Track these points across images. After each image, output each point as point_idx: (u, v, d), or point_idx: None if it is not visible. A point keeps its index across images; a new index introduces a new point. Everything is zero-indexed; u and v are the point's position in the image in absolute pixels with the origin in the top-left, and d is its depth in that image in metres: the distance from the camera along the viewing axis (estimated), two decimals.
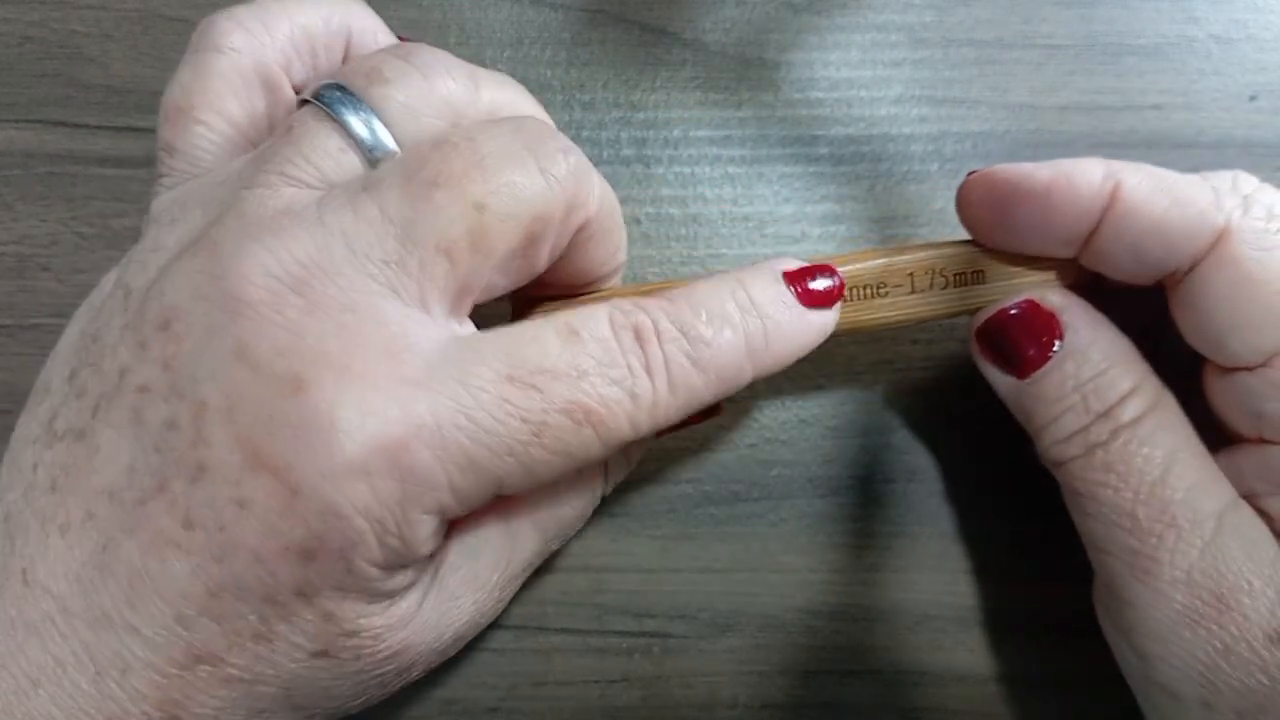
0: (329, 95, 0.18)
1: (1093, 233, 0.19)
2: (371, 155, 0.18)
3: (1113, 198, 0.19)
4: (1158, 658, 0.18)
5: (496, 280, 0.18)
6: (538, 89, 0.26)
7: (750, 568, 0.24)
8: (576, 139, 0.26)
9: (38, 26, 0.26)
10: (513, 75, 0.26)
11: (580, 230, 0.19)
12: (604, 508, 0.24)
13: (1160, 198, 0.18)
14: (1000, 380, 0.21)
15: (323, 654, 0.17)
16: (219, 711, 0.17)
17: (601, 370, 0.17)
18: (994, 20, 0.26)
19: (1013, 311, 0.20)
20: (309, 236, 0.16)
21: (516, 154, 0.17)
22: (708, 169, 0.26)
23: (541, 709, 0.24)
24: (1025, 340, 0.20)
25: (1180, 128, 0.26)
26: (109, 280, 0.19)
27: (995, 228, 0.20)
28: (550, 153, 0.18)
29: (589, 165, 0.19)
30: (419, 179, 0.17)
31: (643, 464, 0.24)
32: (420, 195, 0.17)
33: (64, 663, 0.16)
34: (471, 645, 0.24)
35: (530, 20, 0.26)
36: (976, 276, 0.21)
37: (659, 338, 0.18)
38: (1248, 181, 0.19)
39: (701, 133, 0.26)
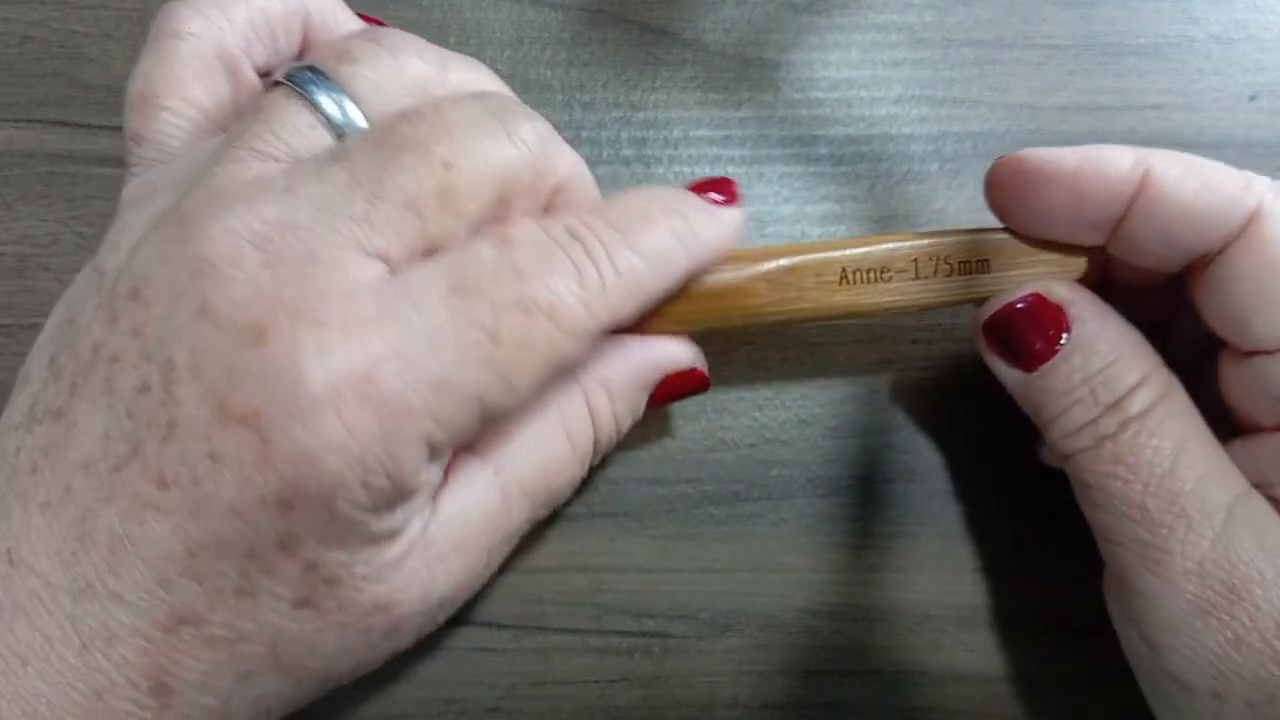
0: (300, 75, 0.18)
1: (1122, 218, 0.19)
2: (341, 132, 0.18)
3: (1142, 183, 0.19)
4: (1168, 648, 0.18)
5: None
6: (538, 89, 0.26)
7: (750, 568, 0.24)
8: (576, 139, 0.26)
9: (38, 26, 0.26)
10: (513, 75, 0.26)
11: (554, 197, 0.19)
12: (604, 507, 0.24)
13: (1191, 181, 0.19)
14: (1007, 374, 0.21)
15: (305, 603, 0.17)
16: (206, 676, 0.17)
17: (540, 265, 0.17)
18: (994, 20, 0.26)
19: (1019, 305, 0.20)
20: (275, 201, 0.17)
21: (482, 119, 0.18)
22: (708, 169, 0.26)
23: (541, 709, 0.24)
24: (1032, 333, 0.20)
25: (1180, 128, 0.26)
26: (85, 269, 0.19)
27: (1024, 211, 0.20)
28: (516, 118, 0.18)
29: (555, 133, 0.19)
30: (386, 144, 0.17)
31: (643, 464, 0.24)
32: (387, 159, 0.17)
33: (51, 638, 0.16)
34: (471, 645, 0.24)
35: (530, 20, 0.26)
36: (981, 266, 0.21)
37: (591, 230, 0.18)
38: (1261, 179, 0.19)
39: (701, 133, 0.26)
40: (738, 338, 0.25)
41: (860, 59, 0.26)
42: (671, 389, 0.22)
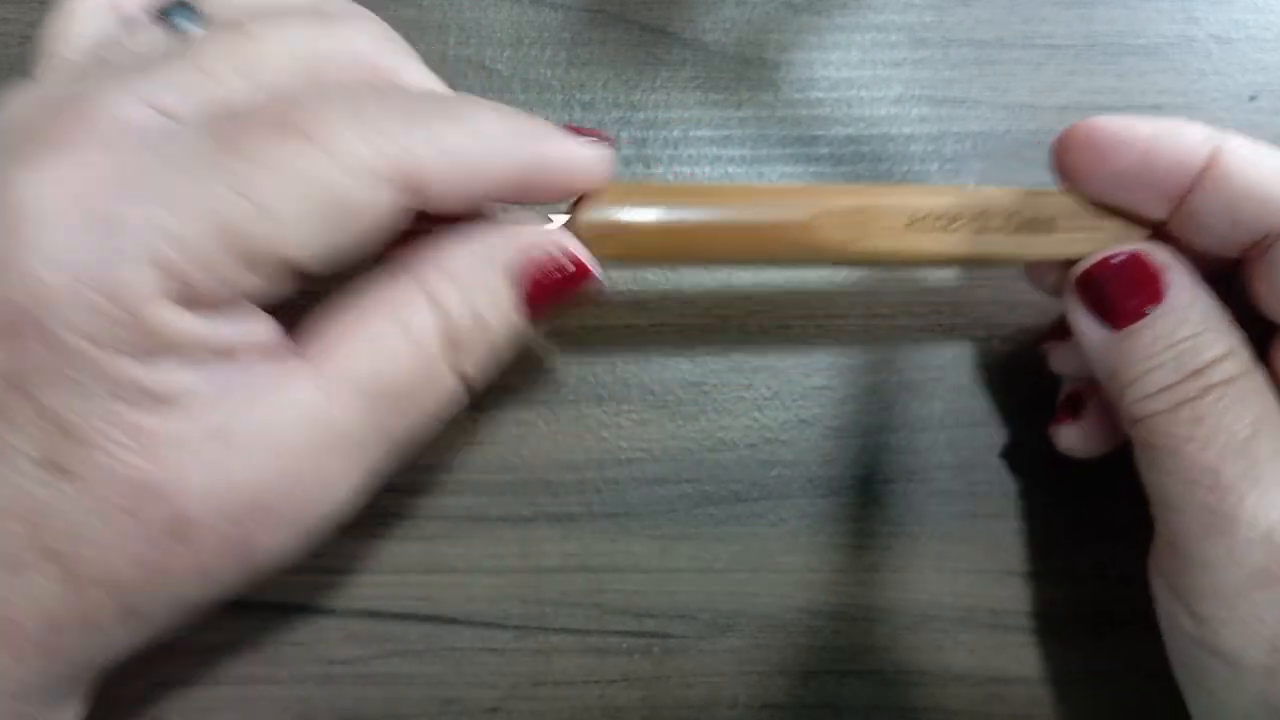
0: (169, 7, 0.19)
1: (1189, 192, 0.19)
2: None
3: (1212, 158, 0.19)
4: (1220, 621, 0.18)
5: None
6: (538, 89, 0.26)
7: (750, 568, 0.24)
8: None
9: (38, 27, 0.26)
10: (513, 75, 0.26)
11: None
12: (604, 507, 0.24)
13: (1262, 162, 0.19)
14: (1092, 331, 0.21)
15: (51, 464, 0.15)
16: None
17: (314, 98, 0.17)
18: (994, 20, 0.26)
19: (1117, 261, 0.20)
20: (82, 74, 0.17)
21: (302, 6, 0.19)
22: (708, 169, 0.26)
23: (541, 709, 0.24)
24: (1126, 292, 0.20)
25: None
26: None
27: (1094, 175, 0.20)
28: (343, 12, 0.19)
29: (395, 36, 0.20)
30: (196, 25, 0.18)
31: (643, 464, 0.24)
32: (192, 36, 0.18)
33: None
34: (471, 645, 0.24)
35: (530, 20, 0.26)
36: (1046, 225, 0.21)
37: (395, 89, 0.19)
38: None
39: (701, 133, 0.26)
40: (761, 314, 0.25)
41: (860, 59, 0.26)
42: (551, 284, 0.19)
